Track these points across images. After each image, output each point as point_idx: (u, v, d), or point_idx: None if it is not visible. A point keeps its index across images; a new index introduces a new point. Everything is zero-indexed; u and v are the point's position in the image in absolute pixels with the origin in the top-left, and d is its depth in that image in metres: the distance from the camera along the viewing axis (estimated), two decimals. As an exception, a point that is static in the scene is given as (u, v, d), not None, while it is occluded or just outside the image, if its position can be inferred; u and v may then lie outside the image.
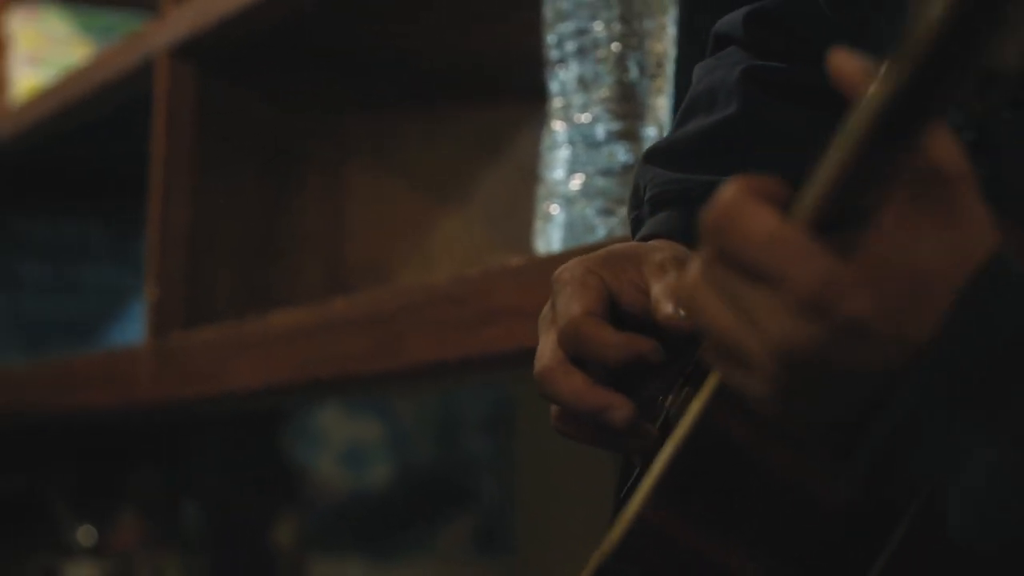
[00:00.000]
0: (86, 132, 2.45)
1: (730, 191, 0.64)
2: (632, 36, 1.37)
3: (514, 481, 2.54)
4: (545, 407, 0.87)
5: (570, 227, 1.39)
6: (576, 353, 0.83)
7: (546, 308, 0.87)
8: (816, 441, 0.68)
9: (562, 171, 1.40)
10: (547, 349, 0.84)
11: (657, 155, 0.97)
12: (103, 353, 2.28)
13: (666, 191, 0.94)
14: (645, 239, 0.92)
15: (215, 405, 2.19)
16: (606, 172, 1.38)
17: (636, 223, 0.97)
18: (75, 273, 2.81)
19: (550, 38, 1.40)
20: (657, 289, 0.82)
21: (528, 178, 1.51)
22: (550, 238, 1.40)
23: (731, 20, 1.01)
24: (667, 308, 0.81)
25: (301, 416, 2.60)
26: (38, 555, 2.62)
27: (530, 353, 1.38)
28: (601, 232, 1.37)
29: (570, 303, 0.83)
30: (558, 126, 1.41)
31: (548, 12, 1.40)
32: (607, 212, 1.37)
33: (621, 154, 1.38)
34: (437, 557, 2.56)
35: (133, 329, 2.65)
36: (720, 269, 0.65)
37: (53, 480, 2.70)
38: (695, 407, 0.71)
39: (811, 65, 0.95)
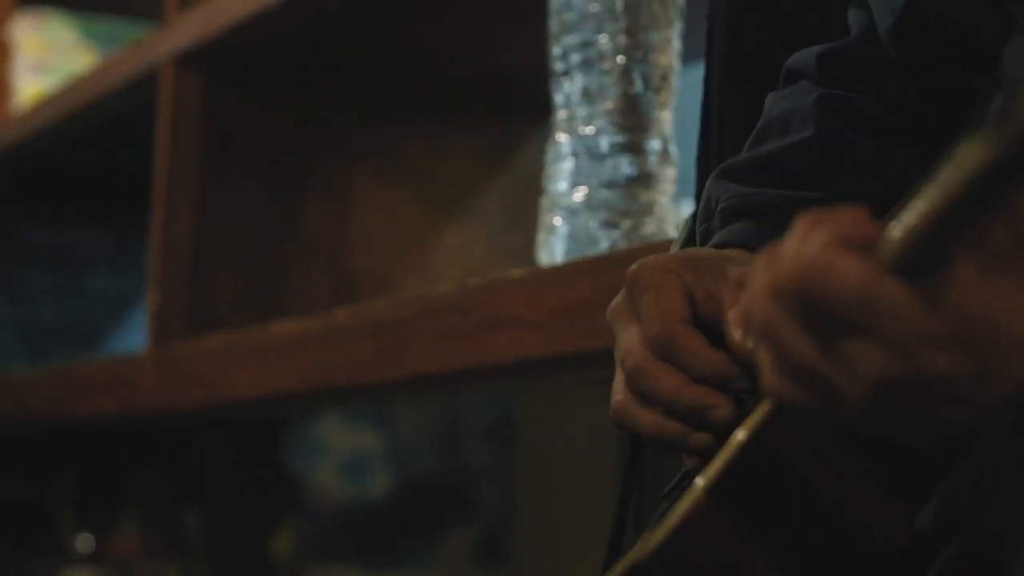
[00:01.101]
0: (91, 139, 2.45)
1: (816, 242, 0.64)
2: (637, 49, 1.37)
3: (514, 492, 2.54)
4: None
5: (573, 239, 1.39)
6: (664, 356, 0.83)
7: (619, 301, 0.87)
8: (885, 477, 0.69)
9: (566, 183, 1.40)
10: (635, 344, 0.84)
11: (731, 171, 0.98)
12: (105, 360, 2.28)
13: (739, 203, 0.95)
14: (717, 248, 0.93)
15: (217, 413, 2.19)
16: (610, 184, 1.38)
17: (705, 235, 0.98)
18: (79, 280, 2.81)
19: (555, 50, 1.40)
20: (733, 313, 0.83)
21: (532, 190, 1.51)
22: (553, 250, 1.41)
23: (803, 57, 1.02)
24: (738, 334, 0.82)
25: (302, 425, 2.60)
26: (39, 561, 2.62)
27: (533, 363, 1.38)
28: (604, 244, 1.37)
29: (659, 305, 0.84)
30: (562, 138, 1.41)
31: (554, 24, 1.41)
32: (610, 224, 1.38)
33: (625, 166, 1.38)
34: (437, 568, 2.56)
35: (136, 336, 2.65)
36: (805, 313, 0.65)
37: (55, 486, 2.70)
38: (754, 419, 0.72)
39: (883, 103, 0.96)
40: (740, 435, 0.72)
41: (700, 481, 0.72)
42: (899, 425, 0.65)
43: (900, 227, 0.62)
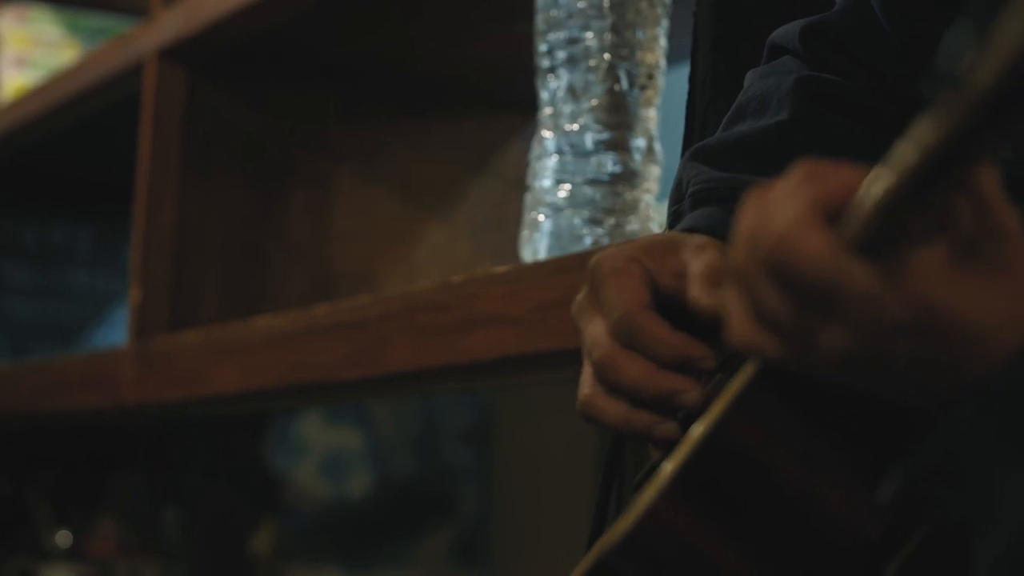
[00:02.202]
0: (73, 135, 2.44)
1: (796, 205, 0.65)
2: (623, 47, 1.37)
3: (493, 492, 2.54)
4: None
5: (556, 236, 1.39)
6: (628, 344, 0.83)
7: (583, 296, 0.87)
8: (852, 466, 0.69)
9: (550, 180, 1.40)
10: (601, 336, 0.84)
11: (703, 153, 0.98)
12: (86, 356, 2.27)
13: (710, 188, 0.95)
14: (685, 232, 0.92)
15: (197, 409, 2.18)
16: (594, 182, 1.38)
17: (675, 217, 0.97)
18: (60, 276, 2.81)
19: (541, 47, 1.40)
20: (695, 266, 0.83)
21: (515, 189, 1.50)
22: (536, 247, 1.40)
23: (787, 32, 1.01)
24: (696, 289, 0.82)
25: (282, 424, 2.59)
26: (16, 558, 2.61)
27: (514, 361, 1.38)
28: (588, 241, 1.37)
29: (620, 294, 0.84)
30: (547, 135, 1.40)
31: (540, 21, 1.40)
32: (594, 222, 1.37)
33: (609, 164, 1.38)
34: (416, 567, 2.56)
35: (118, 333, 2.64)
36: (778, 278, 0.65)
37: (33, 483, 2.69)
38: (716, 408, 0.72)
39: (865, 81, 0.96)
40: (703, 424, 0.72)
41: (664, 471, 0.72)
42: (868, 385, 0.66)
43: (862, 204, 0.62)
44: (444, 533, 2.58)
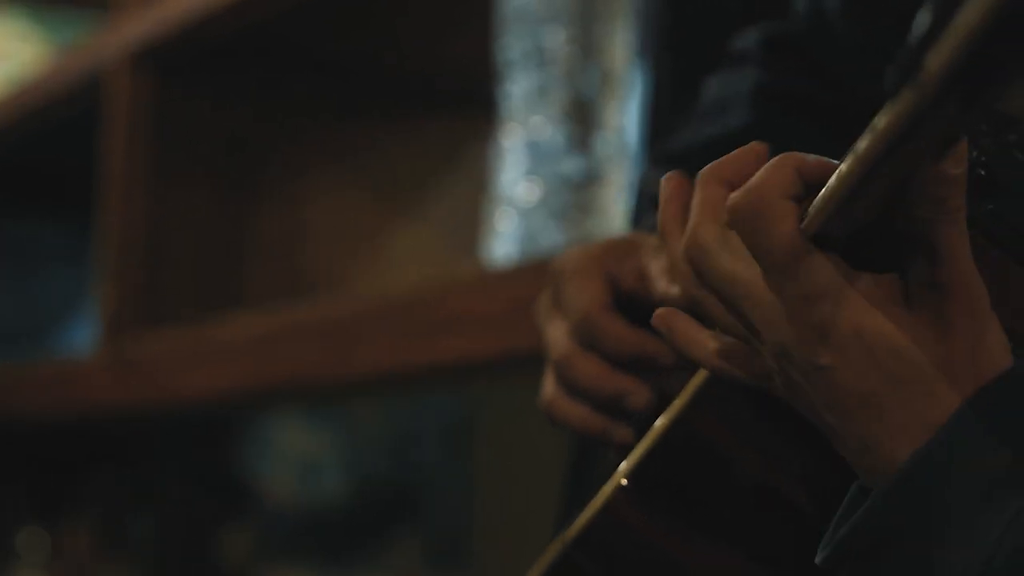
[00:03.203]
0: (43, 136, 2.44)
1: (770, 186, 0.64)
2: (586, 47, 1.37)
3: (470, 494, 2.54)
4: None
5: (524, 237, 1.39)
6: (588, 344, 0.83)
7: (545, 298, 0.87)
8: (810, 460, 0.68)
9: (516, 180, 1.40)
10: (561, 336, 0.85)
11: (664, 156, 0.97)
12: (55, 359, 2.27)
13: None
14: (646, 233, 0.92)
15: (168, 411, 2.18)
16: (559, 181, 1.38)
17: (637, 218, 0.97)
18: (30, 278, 2.80)
19: (505, 48, 1.40)
20: (655, 267, 0.83)
21: (486, 189, 1.50)
22: (504, 247, 1.40)
23: (746, 38, 1.02)
24: (663, 284, 0.82)
25: (256, 426, 2.59)
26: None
27: (484, 362, 1.37)
28: (554, 241, 1.37)
29: (580, 294, 0.84)
30: (512, 135, 1.41)
31: (503, 23, 1.40)
32: (560, 221, 1.37)
33: (574, 163, 1.38)
34: (391, 570, 2.55)
35: (88, 336, 2.63)
36: (735, 243, 0.64)
37: (5, 485, 2.68)
38: (677, 404, 0.72)
39: (824, 85, 0.96)
40: (661, 420, 0.72)
41: (621, 467, 0.72)
42: (800, 396, 0.65)
43: (820, 197, 0.62)
44: (420, 536, 2.58)
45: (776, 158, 0.65)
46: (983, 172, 0.66)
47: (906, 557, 0.61)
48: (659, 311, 0.70)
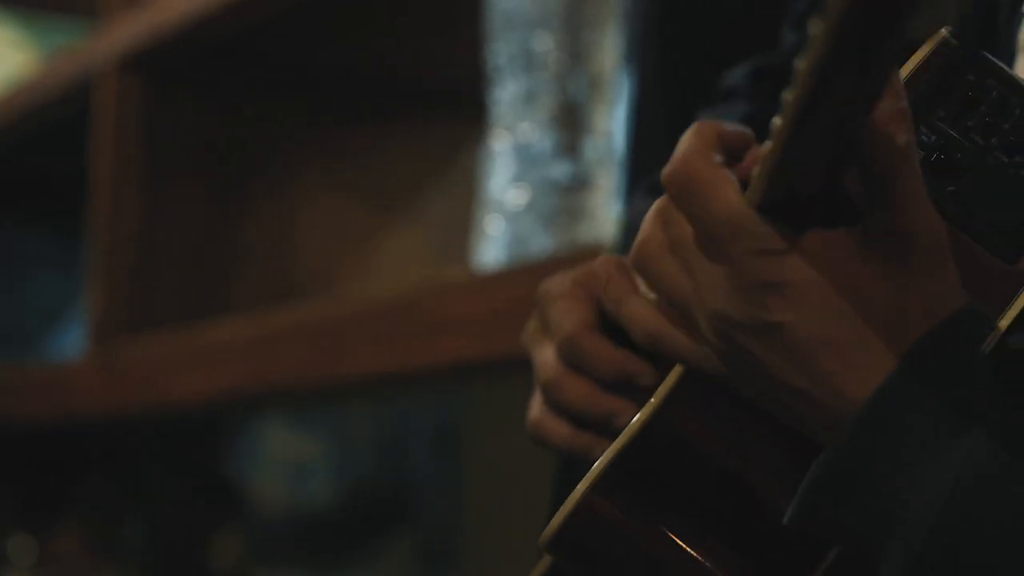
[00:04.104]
0: (33, 140, 2.44)
1: (694, 152, 0.66)
2: (575, 52, 1.37)
3: (460, 498, 2.54)
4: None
5: (512, 242, 1.39)
6: (574, 365, 0.85)
7: (532, 322, 0.89)
8: (786, 454, 0.69)
9: (504, 185, 1.40)
10: (549, 359, 0.86)
11: (655, 189, 0.98)
12: (45, 363, 2.27)
13: None
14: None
15: (159, 415, 2.18)
16: (548, 186, 1.38)
17: (625, 251, 0.98)
18: (19, 282, 2.79)
19: (494, 53, 1.41)
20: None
21: (475, 194, 1.51)
22: (493, 252, 1.41)
23: (736, 75, 1.03)
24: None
25: (245, 430, 2.58)
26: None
27: (472, 366, 1.38)
28: (543, 245, 1.37)
29: (566, 316, 0.85)
30: (501, 140, 1.41)
31: (492, 27, 1.41)
32: (549, 225, 1.38)
33: (563, 168, 1.38)
34: (381, 574, 2.56)
35: (76, 340, 2.63)
36: (678, 227, 0.67)
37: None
38: (653, 402, 0.73)
39: None
40: (637, 417, 0.73)
41: (596, 465, 0.73)
42: (748, 384, 0.67)
43: (761, 159, 0.63)
44: (409, 540, 2.58)
45: (693, 125, 0.68)
46: (943, 156, 0.67)
47: (874, 492, 0.62)
48: (610, 283, 0.74)
